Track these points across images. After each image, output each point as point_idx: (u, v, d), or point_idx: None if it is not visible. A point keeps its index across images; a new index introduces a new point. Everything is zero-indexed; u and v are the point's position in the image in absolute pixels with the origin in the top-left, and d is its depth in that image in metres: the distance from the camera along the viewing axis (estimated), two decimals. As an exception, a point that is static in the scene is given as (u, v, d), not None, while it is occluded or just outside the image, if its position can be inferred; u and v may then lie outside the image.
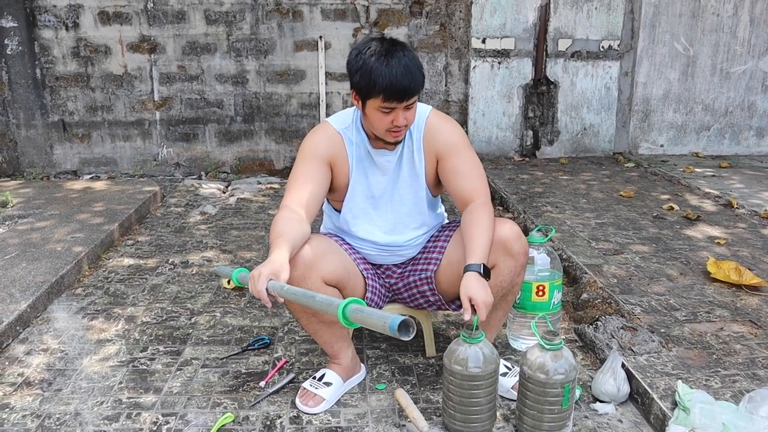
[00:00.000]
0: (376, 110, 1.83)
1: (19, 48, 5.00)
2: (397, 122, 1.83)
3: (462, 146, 2.01)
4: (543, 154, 5.53)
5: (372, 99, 1.81)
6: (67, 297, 2.87)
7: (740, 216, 3.73)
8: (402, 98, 1.79)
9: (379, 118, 1.84)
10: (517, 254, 1.91)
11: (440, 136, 2.00)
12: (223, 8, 5.06)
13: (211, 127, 5.28)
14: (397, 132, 1.87)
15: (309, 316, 1.95)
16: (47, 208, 3.91)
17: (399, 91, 1.77)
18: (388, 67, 1.76)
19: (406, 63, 1.78)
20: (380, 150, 1.99)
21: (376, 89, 1.78)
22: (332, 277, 1.91)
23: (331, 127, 2.01)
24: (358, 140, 1.99)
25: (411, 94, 1.80)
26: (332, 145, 1.97)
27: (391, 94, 1.78)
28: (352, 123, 2.00)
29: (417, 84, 1.80)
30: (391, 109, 1.81)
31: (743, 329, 2.34)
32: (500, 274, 1.93)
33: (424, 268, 2.08)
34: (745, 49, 5.42)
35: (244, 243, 3.62)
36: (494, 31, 5.25)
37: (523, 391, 1.81)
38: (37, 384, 2.15)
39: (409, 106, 1.84)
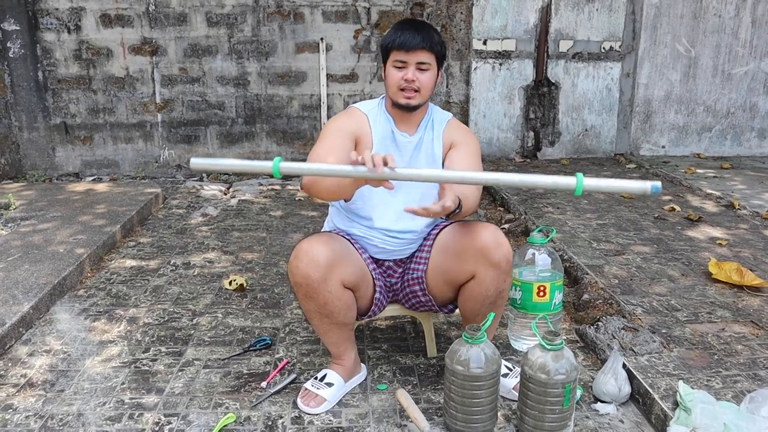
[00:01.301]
0: (391, 67, 1.97)
1: (21, 51, 5.02)
2: (407, 76, 1.93)
3: (474, 148, 2.09)
4: (544, 155, 5.53)
5: (389, 56, 1.96)
6: (70, 298, 2.88)
7: (742, 217, 3.73)
8: (409, 47, 1.91)
9: (393, 74, 1.96)
10: (497, 263, 1.89)
11: (459, 132, 2.11)
12: (224, 10, 5.07)
13: (212, 128, 5.30)
14: (407, 92, 1.94)
15: (323, 317, 1.94)
16: (49, 210, 3.92)
17: (408, 38, 1.91)
18: (402, 26, 1.96)
19: (421, 26, 1.95)
20: (403, 132, 2.05)
21: (388, 40, 1.95)
22: (351, 278, 1.92)
23: (357, 109, 2.08)
24: (383, 120, 2.05)
25: (419, 45, 1.91)
26: (358, 122, 2.03)
27: (400, 43, 1.91)
28: (378, 106, 2.08)
29: (426, 38, 1.92)
30: (403, 64, 1.93)
31: (744, 330, 2.34)
32: (482, 283, 1.92)
33: (416, 267, 2.08)
34: (747, 50, 5.43)
35: (245, 244, 3.63)
36: (495, 32, 5.25)
37: (524, 392, 1.81)
38: (39, 385, 2.16)
39: (422, 66, 1.93)
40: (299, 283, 1.86)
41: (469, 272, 1.93)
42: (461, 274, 1.95)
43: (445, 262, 1.99)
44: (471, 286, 1.95)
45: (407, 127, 2.05)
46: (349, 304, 1.95)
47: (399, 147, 2.04)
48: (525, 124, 5.47)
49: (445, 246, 2.00)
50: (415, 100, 1.96)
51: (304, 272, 1.84)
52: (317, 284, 1.84)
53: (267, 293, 2.94)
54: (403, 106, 1.98)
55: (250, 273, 3.19)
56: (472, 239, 1.91)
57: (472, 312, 2.00)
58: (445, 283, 2.02)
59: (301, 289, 1.87)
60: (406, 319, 2.62)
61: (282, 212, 4.27)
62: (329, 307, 1.90)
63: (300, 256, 1.85)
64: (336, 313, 1.92)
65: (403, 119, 2.04)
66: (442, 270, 2.00)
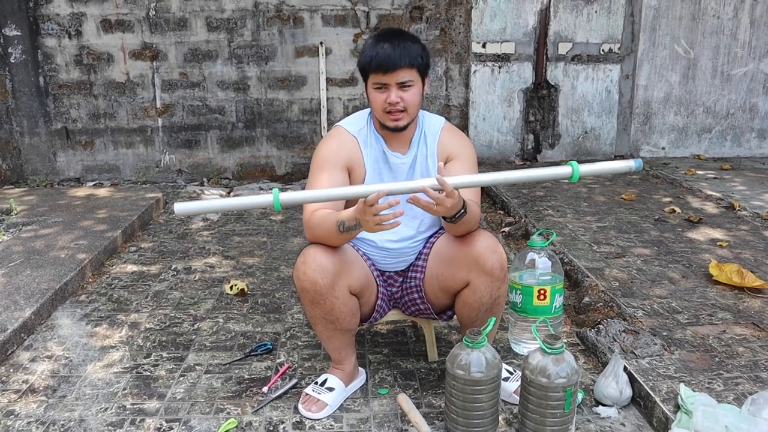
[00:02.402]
0: (372, 90, 1.90)
1: (22, 56, 5.03)
2: (389, 99, 1.86)
3: (471, 159, 2.06)
4: (544, 157, 5.54)
5: (368, 78, 1.89)
6: (71, 304, 2.88)
7: (742, 218, 3.73)
8: (387, 68, 1.83)
9: (375, 97, 1.89)
10: (491, 270, 1.87)
11: (454, 141, 2.05)
12: (224, 15, 5.08)
13: (212, 133, 5.30)
14: (394, 114, 1.88)
15: (327, 323, 1.94)
16: (51, 216, 3.93)
17: (384, 60, 1.83)
18: (378, 43, 1.87)
19: (397, 41, 1.85)
20: (395, 152, 2.00)
21: (365, 61, 1.87)
22: (357, 285, 1.92)
23: (345, 131, 2.01)
24: (373, 141, 2.00)
25: (396, 65, 1.83)
26: (348, 149, 1.97)
27: (377, 65, 1.84)
28: (366, 125, 2.02)
29: (404, 57, 1.83)
30: (383, 85, 1.86)
31: (746, 332, 2.34)
32: (477, 291, 1.91)
33: (414, 276, 2.08)
34: (746, 51, 5.43)
35: (246, 249, 3.64)
36: (494, 35, 5.26)
37: (525, 396, 1.81)
38: (41, 391, 2.16)
39: (404, 85, 1.86)
40: (306, 288, 1.85)
41: (463, 280, 1.93)
42: (456, 281, 1.95)
43: (440, 269, 1.99)
44: (466, 294, 1.95)
45: (399, 145, 2.01)
46: (354, 310, 1.95)
47: (393, 169, 2.01)
48: (525, 126, 5.47)
49: (440, 253, 2.00)
50: (404, 120, 1.91)
51: (312, 278, 1.83)
52: (325, 290, 1.84)
53: (268, 298, 2.94)
54: (390, 127, 1.93)
55: (251, 278, 3.19)
56: (466, 247, 1.90)
57: (469, 319, 2.00)
58: (441, 290, 2.02)
59: (308, 294, 1.86)
60: (406, 324, 2.62)
61: (282, 217, 4.28)
62: (335, 313, 1.89)
63: (308, 262, 1.83)
64: (341, 319, 1.92)
65: (394, 138, 2.00)
66: (437, 277, 2.00)
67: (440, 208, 1.69)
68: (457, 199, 1.69)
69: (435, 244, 2.04)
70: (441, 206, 1.68)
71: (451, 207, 1.69)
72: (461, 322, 2.06)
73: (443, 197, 1.67)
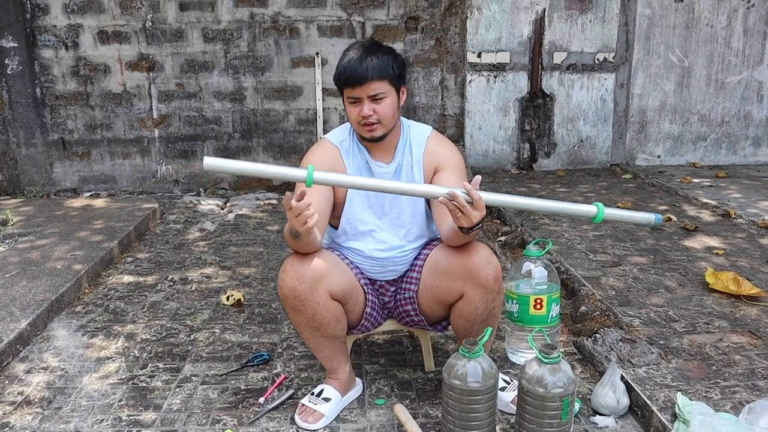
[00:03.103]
0: (347, 104, 1.92)
1: (19, 67, 5.04)
2: (363, 113, 1.88)
3: (460, 167, 2.05)
4: (540, 166, 5.55)
5: (342, 92, 1.91)
6: (67, 315, 2.87)
7: (738, 226, 3.74)
8: (355, 82, 1.85)
9: (350, 111, 1.92)
10: (485, 282, 1.87)
11: (442, 151, 2.05)
12: (220, 26, 5.10)
13: (209, 143, 5.31)
14: (368, 126, 1.90)
15: (313, 330, 1.94)
16: (47, 226, 3.93)
17: (351, 74, 1.85)
18: (347, 57, 1.89)
19: (366, 54, 1.86)
20: (378, 162, 2.01)
21: (337, 78, 1.89)
22: (338, 290, 1.92)
23: (329, 142, 2.04)
24: (356, 152, 2.02)
25: (363, 78, 1.84)
26: (330, 159, 1.99)
27: (345, 79, 1.87)
28: (349, 136, 2.04)
29: (372, 68, 1.84)
30: (356, 99, 1.88)
31: (742, 340, 2.34)
32: (471, 303, 1.91)
33: (407, 287, 2.08)
34: (740, 59, 5.47)
35: (242, 259, 3.63)
36: (489, 45, 5.29)
37: (522, 405, 1.81)
38: (37, 402, 2.15)
39: (376, 98, 1.87)
40: (286, 295, 1.87)
41: (457, 291, 1.93)
42: (450, 293, 1.95)
43: (435, 281, 1.98)
44: (460, 306, 1.94)
45: (383, 154, 2.01)
46: (338, 316, 1.94)
47: (376, 178, 2.00)
48: (520, 135, 5.49)
49: (435, 265, 2.00)
50: (378, 131, 1.92)
51: (290, 285, 1.85)
52: (303, 296, 1.84)
53: (264, 308, 2.94)
54: (367, 139, 1.94)
55: (247, 288, 3.19)
56: (461, 258, 1.90)
57: (464, 330, 1.99)
58: (435, 302, 2.01)
59: (289, 302, 1.88)
60: (403, 334, 2.62)
61: (279, 227, 4.28)
62: (318, 319, 1.89)
63: (286, 270, 1.86)
64: (325, 325, 1.92)
65: (376, 148, 2.00)
66: (432, 289, 2.00)
67: (464, 219, 1.69)
68: (483, 212, 1.70)
69: (430, 255, 2.04)
70: (466, 216, 1.68)
71: (475, 219, 1.69)
72: (457, 334, 2.06)
73: (470, 209, 1.67)
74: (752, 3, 5.36)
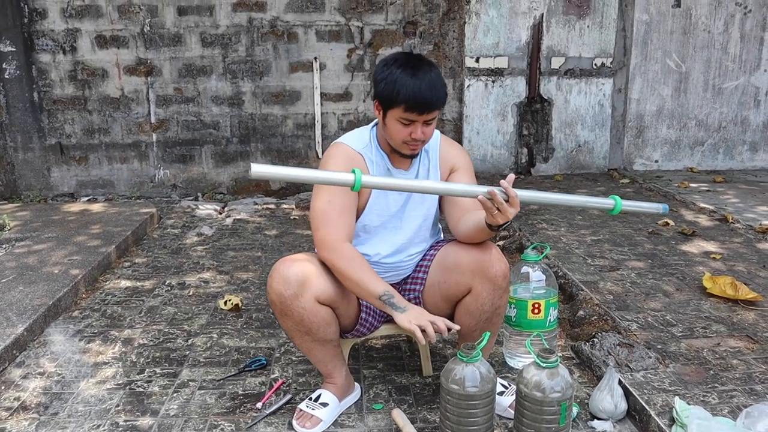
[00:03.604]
0: (396, 121, 1.87)
1: (16, 72, 5.04)
2: (415, 135, 1.87)
3: (471, 168, 2.11)
4: (538, 171, 5.56)
5: (394, 109, 1.86)
6: (64, 320, 2.87)
7: (735, 230, 3.74)
8: (423, 110, 1.84)
9: (398, 129, 1.88)
10: (494, 277, 1.90)
11: (454, 154, 2.10)
12: (218, 31, 5.11)
13: (207, 148, 5.31)
14: (413, 146, 1.91)
15: (303, 335, 1.94)
16: (44, 231, 3.92)
17: (421, 103, 1.82)
18: (413, 78, 1.82)
19: (431, 78, 1.85)
20: (398, 169, 2.02)
21: (399, 99, 1.82)
22: (326, 296, 1.91)
23: (350, 148, 1.99)
24: (378, 159, 2.01)
25: (432, 108, 1.85)
26: (355, 167, 1.95)
27: (413, 105, 1.82)
28: (370, 142, 2.02)
29: (439, 99, 1.86)
30: (411, 122, 1.86)
31: (740, 344, 2.34)
32: (479, 298, 1.93)
33: (412, 288, 2.09)
34: (737, 64, 5.49)
35: (240, 264, 3.63)
36: (488, 50, 5.30)
37: (520, 410, 1.80)
38: (33, 408, 2.14)
39: (429, 121, 1.88)
40: (274, 301, 1.88)
41: (465, 285, 1.94)
42: (459, 287, 1.96)
43: (442, 276, 2.00)
44: (467, 301, 1.96)
45: (401, 163, 2.02)
46: (327, 320, 1.93)
47: None
48: (518, 140, 5.50)
49: (443, 260, 2.02)
50: (419, 149, 1.95)
51: (277, 290, 1.86)
52: (290, 301, 1.85)
53: (262, 313, 2.93)
54: (406, 155, 1.95)
55: (245, 293, 3.18)
56: (472, 253, 1.93)
57: (468, 328, 2.00)
58: (442, 298, 2.02)
59: (276, 307, 1.89)
60: (401, 338, 2.61)
61: (277, 231, 4.28)
62: (306, 323, 1.89)
63: (273, 275, 1.88)
64: (314, 329, 1.91)
65: (398, 156, 2.00)
66: (439, 285, 2.01)
67: (500, 216, 1.73)
68: (518, 208, 1.74)
69: (437, 254, 2.06)
70: (502, 213, 1.72)
71: (511, 215, 1.74)
72: (460, 332, 2.06)
73: (507, 206, 1.71)
74: (749, 9, 5.39)
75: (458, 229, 1.98)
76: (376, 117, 1.96)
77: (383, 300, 1.83)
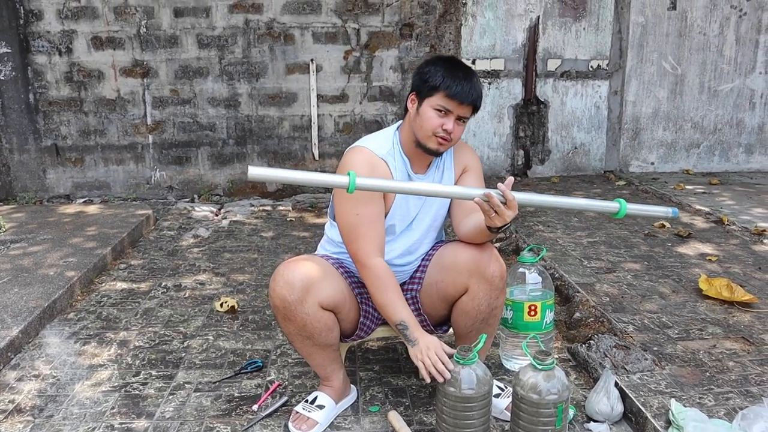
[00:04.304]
0: (431, 108, 1.88)
1: (12, 73, 5.03)
2: (447, 126, 1.88)
3: (480, 168, 2.15)
4: (534, 173, 5.57)
5: (433, 96, 1.88)
6: (60, 322, 2.86)
7: (731, 232, 3.75)
8: (462, 99, 1.86)
9: (432, 118, 1.88)
10: (491, 278, 1.90)
11: (466, 155, 2.12)
12: (215, 32, 5.10)
13: (203, 150, 5.30)
14: (442, 140, 1.90)
15: (304, 339, 1.94)
16: (40, 233, 3.91)
17: (462, 91, 1.85)
18: (457, 71, 1.88)
19: (473, 77, 1.91)
20: (417, 174, 2.02)
21: (443, 83, 1.85)
22: (329, 301, 1.91)
23: (374, 154, 1.96)
24: (400, 164, 2.00)
25: (471, 99, 1.87)
26: (380, 175, 1.94)
27: (454, 93, 1.85)
28: (393, 147, 2.00)
29: (477, 93, 1.89)
30: (447, 112, 1.87)
31: (736, 346, 2.34)
32: (475, 298, 1.93)
33: (410, 288, 2.09)
34: (732, 67, 5.50)
35: (237, 266, 3.62)
36: (484, 52, 5.31)
37: (516, 412, 1.80)
38: (28, 411, 2.13)
39: (462, 118, 1.90)
40: (277, 305, 1.88)
41: (462, 285, 1.94)
42: (456, 287, 1.96)
43: (439, 275, 2.00)
44: (464, 301, 1.96)
45: (420, 167, 2.03)
46: (330, 325, 1.94)
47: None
48: (515, 142, 5.50)
49: (441, 259, 2.02)
50: (445, 148, 1.94)
51: (281, 294, 1.85)
52: (294, 306, 1.84)
53: (258, 315, 2.93)
54: (431, 150, 1.93)
55: (241, 295, 3.18)
56: (469, 252, 1.93)
57: (465, 329, 2.00)
58: (439, 298, 2.02)
59: (279, 311, 1.89)
60: (397, 340, 2.61)
61: (273, 233, 4.27)
62: (308, 329, 1.89)
63: (277, 279, 1.87)
64: (316, 335, 1.91)
65: (418, 160, 2.01)
66: (436, 285, 2.01)
67: (498, 218, 1.73)
68: (516, 211, 1.74)
69: (435, 253, 2.06)
70: (500, 216, 1.72)
71: (509, 218, 1.74)
72: (456, 333, 2.06)
73: (504, 208, 1.72)
74: (744, 11, 5.40)
75: (460, 230, 1.99)
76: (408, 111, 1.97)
77: (399, 329, 1.87)
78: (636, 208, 1.84)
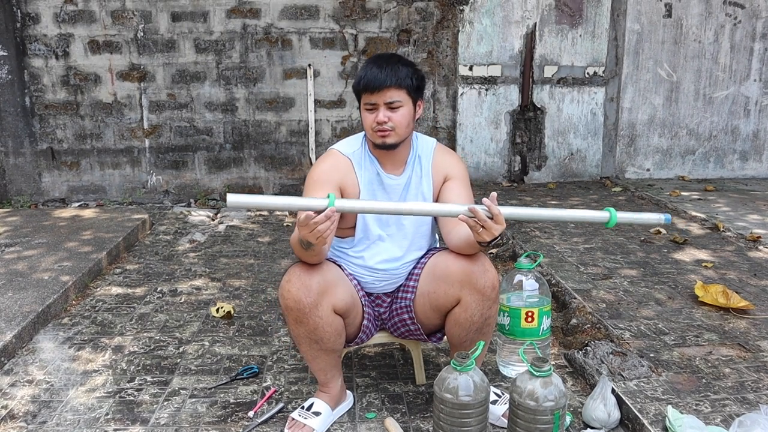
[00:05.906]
0: (364, 110, 1.94)
1: (8, 77, 5.02)
2: (377, 118, 1.90)
3: (466, 177, 2.10)
4: (531, 179, 5.58)
5: (360, 98, 1.94)
6: (54, 327, 2.84)
7: (727, 239, 3.76)
8: (374, 89, 1.88)
9: (365, 117, 1.94)
10: (483, 288, 1.89)
11: (448, 162, 2.09)
12: (212, 37, 5.11)
13: (200, 154, 5.30)
14: (381, 132, 1.91)
15: (312, 343, 1.93)
16: (35, 237, 3.89)
17: (370, 81, 1.88)
18: (369, 65, 1.93)
19: (386, 63, 1.91)
20: (389, 174, 2.02)
21: (359, 84, 1.92)
22: (342, 305, 1.91)
23: (338, 152, 2.03)
24: (368, 163, 2.02)
25: (382, 85, 1.88)
26: (341, 169, 1.99)
27: (364, 86, 1.90)
28: (361, 146, 2.04)
29: (391, 75, 1.88)
30: (373, 106, 1.91)
31: (732, 353, 2.35)
32: (468, 309, 1.92)
33: (404, 296, 2.08)
34: (727, 74, 5.53)
35: (233, 271, 3.61)
36: (481, 58, 5.32)
37: (513, 419, 1.80)
38: (21, 417, 2.12)
39: (392, 106, 1.90)
40: (290, 307, 1.85)
41: (454, 297, 1.93)
42: (447, 298, 1.95)
43: (432, 286, 1.99)
44: (457, 312, 1.95)
45: (393, 167, 2.03)
46: (339, 330, 1.94)
47: (387, 190, 2.03)
48: (512, 148, 5.52)
49: (433, 269, 2.01)
50: (391, 138, 1.93)
51: (296, 296, 1.83)
52: (308, 309, 1.83)
53: (254, 320, 2.92)
54: (380, 145, 1.95)
55: (237, 300, 3.17)
56: (460, 263, 1.92)
57: (459, 339, 1.99)
58: (432, 309, 2.02)
59: (292, 313, 1.86)
60: (394, 347, 2.61)
61: (270, 238, 4.26)
62: (319, 332, 1.88)
63: (292, 280, 1.84)
64: (326, 339, 1.91)
65: (388, 159, 2.01)
66: (429, 295, 2.00)
67: (485, 233, 1.71)
68: (503, 225, 1.72)
69: (427, 263, 2.05)
70: (487, 230, 1.70)
71: (496, 232, 1.72)
72: (451, 342, 2.06)
73: (492, 223, 1.70)
74: (739, 19, 5.44)
75: (451, 241, 1.98)
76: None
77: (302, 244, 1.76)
78: (627, 217, 1.81)
